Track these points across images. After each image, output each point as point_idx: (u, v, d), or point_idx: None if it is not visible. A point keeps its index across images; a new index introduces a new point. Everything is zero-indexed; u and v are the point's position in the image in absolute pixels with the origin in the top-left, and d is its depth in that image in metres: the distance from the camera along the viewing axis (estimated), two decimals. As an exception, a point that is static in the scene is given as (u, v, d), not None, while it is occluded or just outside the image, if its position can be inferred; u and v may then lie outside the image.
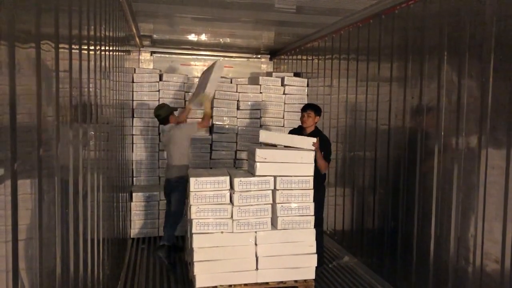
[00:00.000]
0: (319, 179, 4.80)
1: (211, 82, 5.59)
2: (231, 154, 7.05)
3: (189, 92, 7.00)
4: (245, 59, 9.51)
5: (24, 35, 1.61)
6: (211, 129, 7.02)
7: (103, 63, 3.45)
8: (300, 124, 5.19)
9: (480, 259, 3.35)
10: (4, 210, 1.44)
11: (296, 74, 7.56)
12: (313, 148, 4.53)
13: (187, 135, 5.60)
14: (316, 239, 4.47)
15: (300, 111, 5.27)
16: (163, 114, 5.63)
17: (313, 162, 4.45)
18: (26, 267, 1.62)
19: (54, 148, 1.98)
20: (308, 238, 4.40)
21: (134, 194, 6.23)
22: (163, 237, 5.49)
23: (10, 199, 1.46)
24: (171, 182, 5.52)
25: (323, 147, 4.86)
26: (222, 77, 7.63)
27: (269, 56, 9.57)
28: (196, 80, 7.13)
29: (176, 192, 5.47)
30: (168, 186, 5.59)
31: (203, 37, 7.79)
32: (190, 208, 4.27)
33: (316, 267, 4.47)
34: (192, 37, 7.76)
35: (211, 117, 5.95)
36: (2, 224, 1.44)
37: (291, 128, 5.58)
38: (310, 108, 5.13)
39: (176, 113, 5.85)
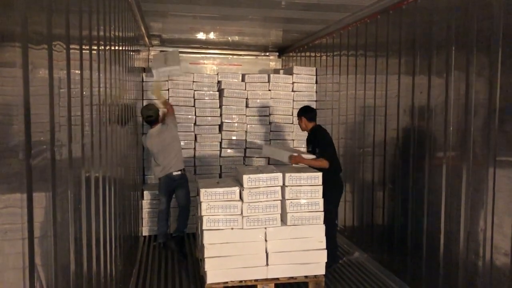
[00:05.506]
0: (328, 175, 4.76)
1: (160, 72, 5.86)
2: (241, 151, 7.08)
3: (198, 90, 7.04)
4: (254, 57, 9.52)
5: (37, 36, 1.65)
6: (220, 127, 7.05)
7: (113, 63, 3.50)
8: None
9: (490, 253, 3.35)
10: (20, 208, 1.48)
11: None
12: (290, 162, 4.82)
13: (176, 129, 5.61)
14: (328, 235, 4.49)
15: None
16: (155, 114, 5.38)
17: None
18: (41, 263, 1.67)
19: (67, 147, 2.02)
20: (317, 234, 4.42)
21: (145, 193, 6.30)
22: (177, 228, 5.70)
23: (26, 196, 1.51)
24: (175, 179, 5.58)
25: (317, 145, 5.00)
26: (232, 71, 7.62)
27: (277, 53, 9.57)
28: (205, 79, 7.17)
29: (183, 188, 5.65)
30: (171, 183, 5.64)
31: (212, 36, 7.81)
32: (200, 204, 4.31)
33: (329, 264, 4.51)
34: (200, 35, 7.79)
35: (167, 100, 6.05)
36: (19, 221, 1.48)
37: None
38: (298, 114, 5.29)
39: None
